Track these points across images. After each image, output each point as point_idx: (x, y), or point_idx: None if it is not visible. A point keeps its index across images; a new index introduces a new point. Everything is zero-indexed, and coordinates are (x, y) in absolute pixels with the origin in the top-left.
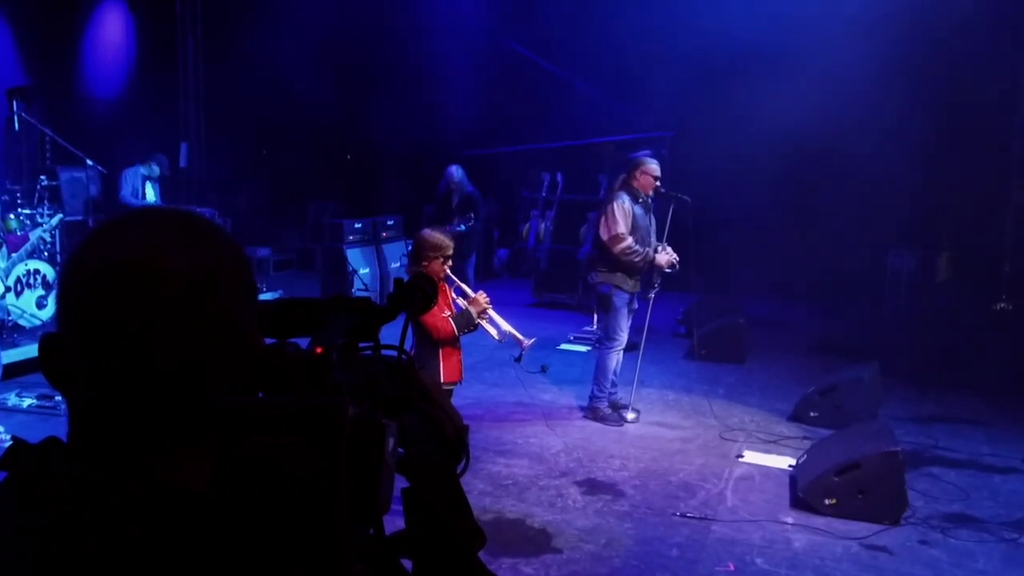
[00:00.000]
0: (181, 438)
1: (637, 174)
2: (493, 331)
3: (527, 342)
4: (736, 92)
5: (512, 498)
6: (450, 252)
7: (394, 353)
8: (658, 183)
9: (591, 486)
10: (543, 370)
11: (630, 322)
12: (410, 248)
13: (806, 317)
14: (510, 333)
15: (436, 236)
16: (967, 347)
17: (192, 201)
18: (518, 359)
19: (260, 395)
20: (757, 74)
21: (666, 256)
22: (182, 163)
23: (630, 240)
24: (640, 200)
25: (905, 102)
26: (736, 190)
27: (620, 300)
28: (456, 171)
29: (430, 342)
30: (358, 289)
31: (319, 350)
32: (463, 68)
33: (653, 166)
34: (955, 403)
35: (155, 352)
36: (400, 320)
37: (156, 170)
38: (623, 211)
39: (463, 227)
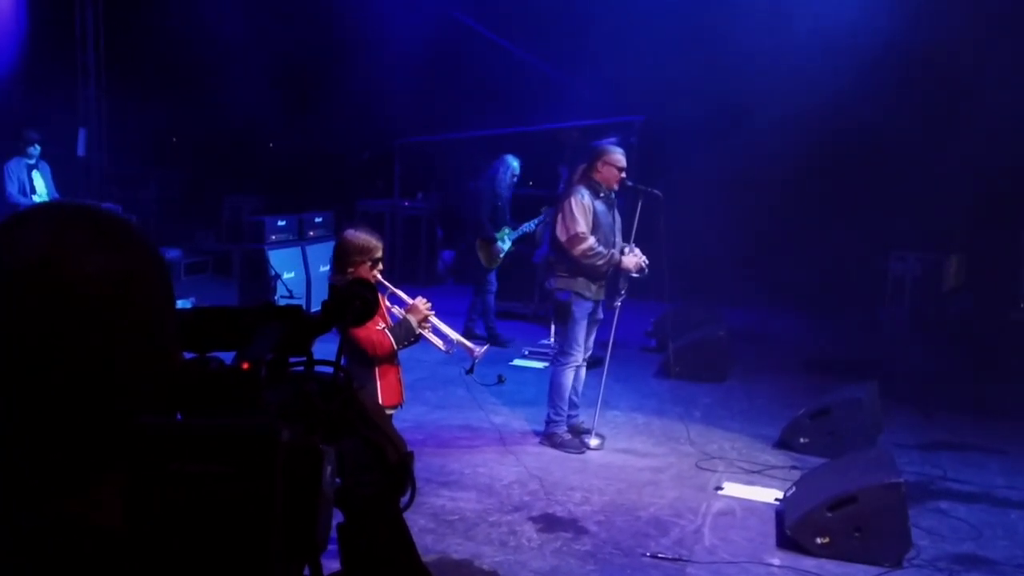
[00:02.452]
0: (92, 465)
1: (599, 165)
2: (438, 341)
3: (478, 351)
4: (715, 72)
5: (458, 536)
6: (379, 255)
7: (329, 369)
8: (623, 175)
9: (548, 522)
10: (500, 380)
11: (594, 334)
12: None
13: (795, 329)
14: (458, 342)
15: (361, 237)
16: (979, 363)
17: (92, 195)
18: (469, 371)
19: (179, 416)
20: (740, 51)
21: (634, 258)
22: (80, 152)
23: (592, 240)
24: (601, 195)
25: (910, 90)
26: (715, 183)
27: (580, 310)
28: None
29: (364, 359)
30: (282, 296)
31: (246, 365)
32: (402, 43)
33: (618, 156)
34: (966, 428)
35: (62, 367)
36: (334, 333)
37: (36, 151)
38: (582, 207)
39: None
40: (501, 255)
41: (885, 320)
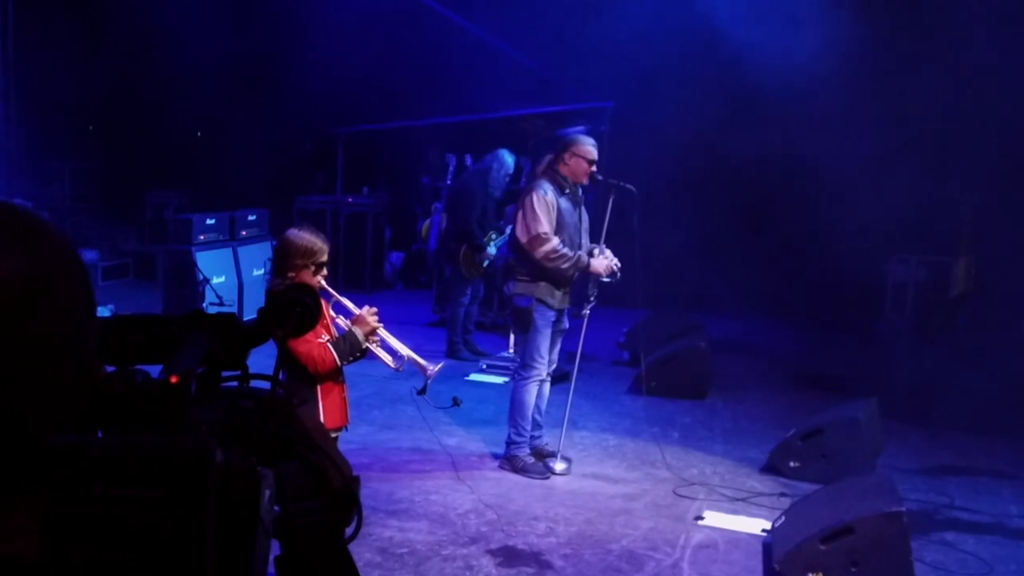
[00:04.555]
0: (2, 489)
1: (566, 157)
2: (387, 357)
3: (432, 369)
4: (695, 54)
5: (408, 571)
6: (324, 258)
7: (266, 385)
8: (594, 169)
9: (508, 556)
10: (455, 403)
11: (559, 345)
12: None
13: (785, 340)
14: (409, 358)
15: (306, 238)
16: (991, 378)
17: None
18: (422, 391)
19: (100, 435)
20: (723, 31)
21: (604, 261)
22: None
23: (556, 242)
24: (567, 191)
25: (913, 75)
26: (695, 178)
27: (543, 318)
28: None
29: (304, 376)
30: (212, 303)
31: (174, 379)
32: (347, 21)
33: (589, 147)
34: (975, 450)
35: None
36: (271, 344)
37: None
38: (544, 205)
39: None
40: (486, 263)
41: (885, 330)
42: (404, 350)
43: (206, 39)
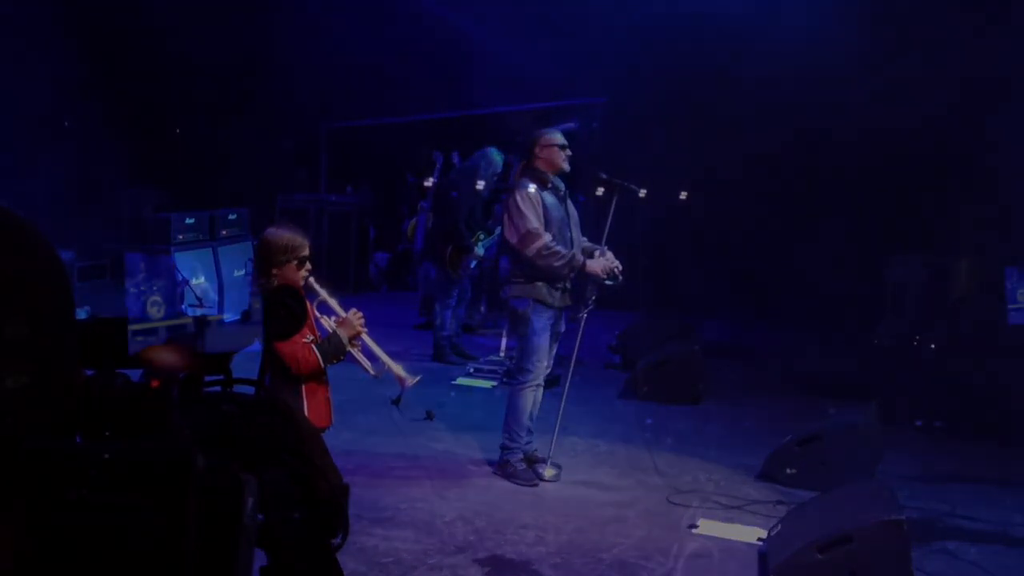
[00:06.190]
0: None
1: (538, 151)
2: (366, 363)
3: (410, 381)
4: (691, 49)
5: None
6: (306, 252)
7: (251, 389)
8: (568, 152)
9: (496, 565)
10: (428, 417)
11: (555, 349)
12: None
13: (781, 344)
14: (388, 367)
15: (284, 234)
16: (994, 383)
17: None
18: (396, 401)
19: (79, 440)
20: (719, 25)
21: (603, 262)
22: None
23: (547, 237)
24: (549, 185)
25: (914, 67)
26: (688, 176)
27: (540, 320)
28: None
29: (288, 376)
30: (191, 304)
31: (155, 383)
32: (331, 14)
33: (554, 135)
34: (977, 457)
35: None
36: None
37: None
38: (530, 201)
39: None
40: (473, 264)
41: (884, 333)
42: (384, 358)
43: (186, 34)
